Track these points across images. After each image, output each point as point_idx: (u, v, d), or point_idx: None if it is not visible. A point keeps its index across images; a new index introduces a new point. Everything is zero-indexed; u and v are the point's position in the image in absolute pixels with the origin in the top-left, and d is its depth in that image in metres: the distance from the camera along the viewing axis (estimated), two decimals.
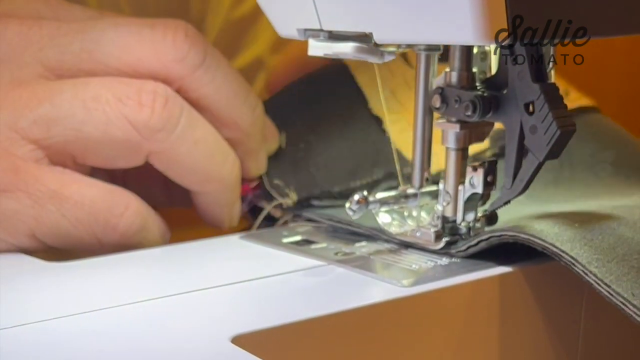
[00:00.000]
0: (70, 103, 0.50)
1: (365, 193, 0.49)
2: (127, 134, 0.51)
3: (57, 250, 0.53)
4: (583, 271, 0.44)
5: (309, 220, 0.56)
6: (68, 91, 0.51)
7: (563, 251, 0.45)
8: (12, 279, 0.47)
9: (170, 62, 0.52)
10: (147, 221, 0.53)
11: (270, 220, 0.58)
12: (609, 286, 0.43)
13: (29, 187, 0.50)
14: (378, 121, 0.61)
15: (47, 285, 0.46)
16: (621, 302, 0.42)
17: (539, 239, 0.46)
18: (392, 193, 0.50)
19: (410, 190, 0.51)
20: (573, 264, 0.44)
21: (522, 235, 0.46)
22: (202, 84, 0.53)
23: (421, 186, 0.51)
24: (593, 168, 0.60)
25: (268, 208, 0.58)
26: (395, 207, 0.51)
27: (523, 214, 0.51)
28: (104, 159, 0.52)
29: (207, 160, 0.53)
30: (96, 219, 0.51)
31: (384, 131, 0.60)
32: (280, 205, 0.58)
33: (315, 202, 0.57)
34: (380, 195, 0.50)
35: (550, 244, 0.45)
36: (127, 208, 0.52)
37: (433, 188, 0.51)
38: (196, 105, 0.53)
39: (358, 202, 0.49)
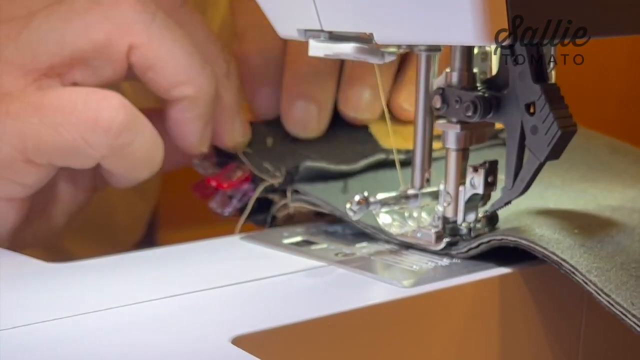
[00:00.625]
0: (47, 20, 0.51)
1: (365, 194, 0.49)
2: (107, 33, 0.52)
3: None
4: (583, 280, 0.44)
5: (303, 200, 0.55)
6: (42, 11, 0.52)
7: (564, 259, 0.45)
8: (12, 279, 0.47)
9: None
10: (135, 118, 0.52)
11: (266, 205, 0.58)
12: (608, 295, 0.43)
13: (9, 107, 0.50)
14: (364, 127, 0.61)
15: (47, 286, 0.46)
16: (621, 311, 0.42)
17: (540, 246, 0.46)
18: (393, 194, 0.50)
19: (411, 191, 0.51)
20: (573, 273, 0.44)
21: (524, 242, 0.46)
22: (181, 24, 0.54)
23: (422, 187, 0.51)
24: (590, 149, 0.61)
25: (259, 190, 0.57)
26: (396, 207, 0.51)
27: (522, 207, 0.50)
28: (89, 64, 0.52)
29: (186, 60, 0.53)
30: (77, 118, 0.50)
31: (370, 134, 0.60)
32: (273, 189, 0.57)
33: (308, 163, 0.57)
34: (380, 196, 0.50)
35: (551, 252, 0.45)
36: (105, 99, 0.51)
37: (434, 189, 0.51)
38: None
39: (358, 202, 0.49)
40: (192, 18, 0.56)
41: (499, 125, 0.48)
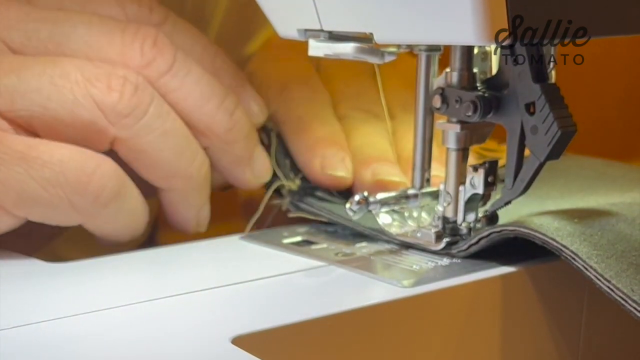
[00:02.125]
0: (37, 78, 0.49)
1: (365, 194, 0.49)
2: (93, 115, 0.49)
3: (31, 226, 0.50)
4: (583, 266, 0.44)
5: (304, 211, 0.56)
6: (36, 66, 0.49)
7: (564, 245, 0.45)
8: (12, 279, 0.47)
9: (136, 67, 0.51)
10: (124, 187, 0.51)
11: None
12: (609, 281, 0.43)
13: None
14: None
15: (47, 286, 0.46)
16: (621, 297, 0.42)
17: (540, 233, 0.46)
18: (393, 194, 0.50)
19: (411, 191, 0.51)
20: (573, 259, 0.44)
21: (523, 230, 0.46)
22: (170, 90, 0.52)
23: (422, 187, 0.51)
24: (584, 165, 0.61)
25: (272, 188, 0.57)
26: (396, 207, 0.51)
27: (521, 212, 0.51)
28: (69, 139, 0.50)
29: (174, 155, 0.52)
30: (66, 179, 0.48)
31: None
32: (279, 192, 0.57)
33: (318, 193, 0.57)
34: (380, 196, 0.50)
35: (551, 238, 0.45)
36: (99, 166, 0.49)
37: (434, 189, 0.51)
38: None
39: (358, 202, 0.49)
40: (183, 81, 0.53)
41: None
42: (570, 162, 0.61)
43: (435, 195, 0.51)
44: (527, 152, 0.46)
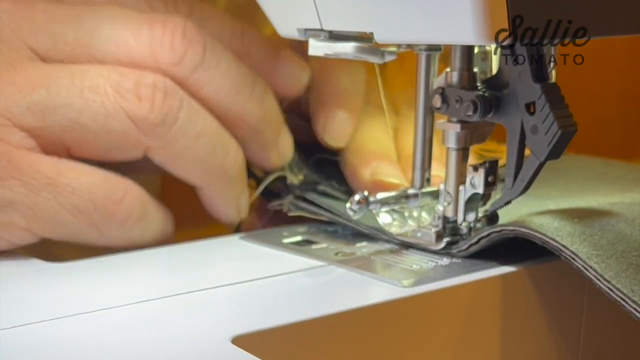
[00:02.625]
0: (67, 91, 0.49)
1: (365, 193, 0.49)
2: (125, 127, 0.50)
3: (56, 245, 0.51)
4: (583, 266, 0.44)
5: (304, 210, 0.56)
6: (65, 78, 0.49)
7: (563, 245, 0.45)
8: (12, 279, 0.47)
9: (167, 65, 0.51)
10: (148, 209, 0.51)
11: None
12: (609, 282, 0.43)
13: (22, 175, 0.48)
14: None
15: (47, 286, 0.46)
16: (621, 297, 0.42)
17: (540, 232, 0.46)
18: (393, 194, 0.50)
19: (411, 191, 0.51)
20: (573, 259, 0.44)
21: (522, 229, 0.46)
22: (201, 86, 0.52)
23: (422, 186, 0.51)
24: (585, 165, 0.61)
25: (272, 177, 0.57)
26: (396, 207, 0.51)
27: (521, 212, 0.51)
28: (100, 151, 0.51)
29: (209, 154, 0.52)
30: (95, 206, 0.49)
31: None
32: (284, 181, 0.57)
33: (320, 188, 0.57)
34: (381, 195, 0.50)
35: (551, 238, 0.45)
36: (126, 194, 0.50)
37: (434, 188, 0.51)
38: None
39: (358, 202, 0.49)
40: (214, 74, 0.53)
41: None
42: (571, 163, 0.61)
43: (435, 194, 0.51)
44: (527, 151, 0.46)
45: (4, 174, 0.48)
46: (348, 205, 0.49)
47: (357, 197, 0.49)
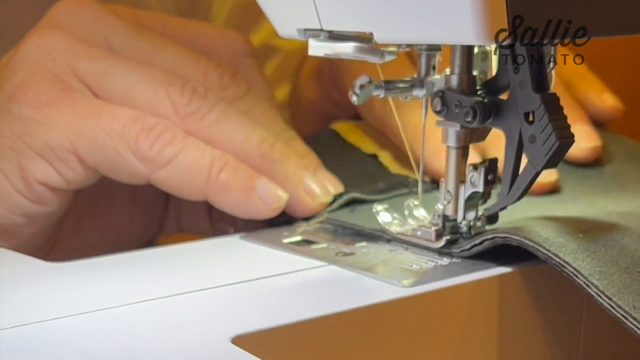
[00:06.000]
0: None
1: (371, 77, 0.49)
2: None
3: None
4: (585, 283, 0.44)
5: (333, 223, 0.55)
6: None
7: (566, 262, 0.45)
8: (12, 279, 0.47)
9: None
10: (184, 144, 0.53)
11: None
12: (610, 299, 0.43)
13: (74, 103, 0.53)
14: (374, 157, 0.61)
15: (47, 286, 0.46)
16: (622, 314, 0.42)
17: (544, 247, 0.46)
18: (401, 84, 0.50)
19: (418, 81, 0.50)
20: (575, 276, 0.44)
21: (528, 242, 0.46)
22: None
23: (427, 74, 0.50)
24: (603, 159, 0.61)
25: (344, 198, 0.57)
26: (403, 95, 0.50)
27: (529, 214, 0.51)
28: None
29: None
30: (129, 131, 0.53)
31: (380, 164, 0.60)
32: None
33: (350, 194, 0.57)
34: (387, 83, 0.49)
35: (554, 254, 0.45)
36: (158, 123, 0.53)
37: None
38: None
39: (362, 86, 0.48)
40: (255, 103, 0.57)
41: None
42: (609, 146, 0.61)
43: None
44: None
45: (58, 101, 0.53)
46: (350, 90, 0.48)
47: (360, 80, 0.48)
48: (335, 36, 0.48)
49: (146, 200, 0.62)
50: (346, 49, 0.47)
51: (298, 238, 0.53)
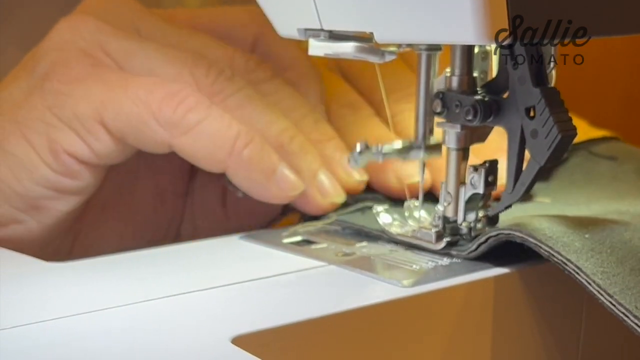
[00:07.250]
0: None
1: (366, 143, 0.49)
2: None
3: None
4: (587, 281, 0.44)
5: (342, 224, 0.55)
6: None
7: (568, 259, 0.45)
8: (12, 279, 0.47)
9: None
10: (207, 112, 0.54)
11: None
12: (611, 297, 0.43)
13: (102, 76, 0.54)
14: None
15: (47, 286, 0.46)
16: (623, 312, 0.42)
17: (547, 245, 0.45)
18: (398, 147, 0.50)
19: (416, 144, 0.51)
20: (577, 273, 0.44)
21: (531, 240, 0.46)
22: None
23: (424, 138, 0.51)
24: (611, 172, 0.60)
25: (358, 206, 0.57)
26: (399, 158, 0.51)
27: (535, 211, 0.50)
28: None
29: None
30: (154, 97, 0.53)
31: None
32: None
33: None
34: (383, 147, 0.50)
35: (556, 251, 0.45)
36: (181, 90, 0.54)
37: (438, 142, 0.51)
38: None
39: (360, 151, 0.49)
40: (281, 86, 0.57)
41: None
42: (605, 166, 0.60)
43: (436, 148, 0.51)
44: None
45: (86, 75, 0.54)
46: (349, 155, 0.50)
47: (358, 146, 0.49)
48: (336, 36, 0.48)
49: (168, 192, 0.62)
50: (346, 48, 0.47)
51: (298, 238, 0.53)
